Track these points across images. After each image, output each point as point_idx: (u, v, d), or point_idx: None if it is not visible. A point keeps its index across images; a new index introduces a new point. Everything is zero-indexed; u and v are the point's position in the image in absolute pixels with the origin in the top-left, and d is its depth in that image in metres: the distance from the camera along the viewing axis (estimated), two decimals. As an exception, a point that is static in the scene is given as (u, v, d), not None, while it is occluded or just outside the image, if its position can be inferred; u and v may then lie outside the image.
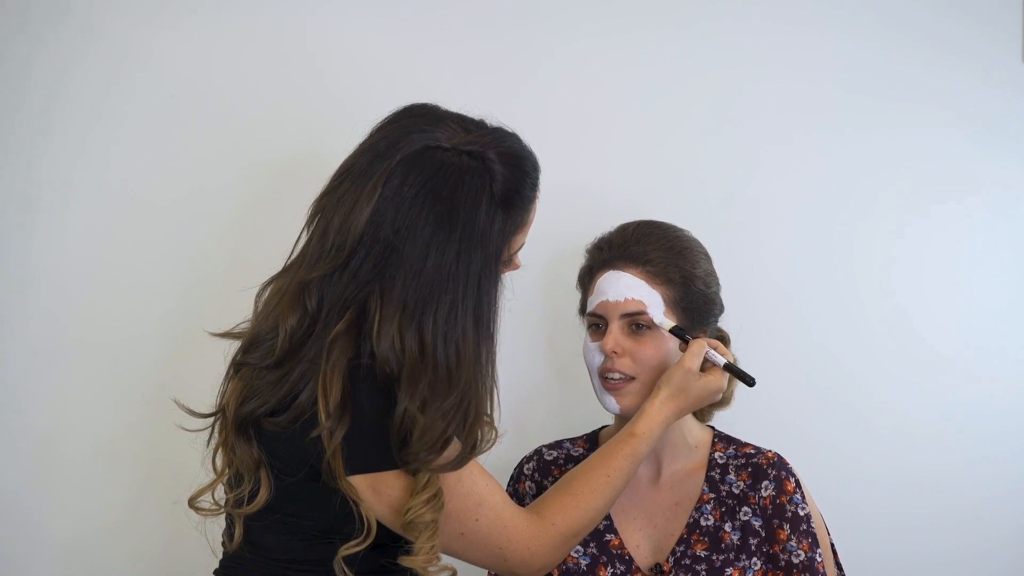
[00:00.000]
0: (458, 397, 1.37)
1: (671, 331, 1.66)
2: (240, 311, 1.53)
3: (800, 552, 1.66)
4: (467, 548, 1.46)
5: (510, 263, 1.50)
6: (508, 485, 1.82)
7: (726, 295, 1.77)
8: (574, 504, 1.52)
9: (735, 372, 1.64)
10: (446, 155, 1.40)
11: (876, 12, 2.09)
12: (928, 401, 2.11)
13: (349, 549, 1.40)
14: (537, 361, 2.07)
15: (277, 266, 1.49)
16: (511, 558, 1.47)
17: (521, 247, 1.50)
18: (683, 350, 1.66)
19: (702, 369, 1.64)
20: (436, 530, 1.40)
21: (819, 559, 1.65)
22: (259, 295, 1.48)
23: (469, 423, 1.39)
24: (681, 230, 1.75)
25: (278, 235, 1.62)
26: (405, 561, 1.41)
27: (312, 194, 1.48)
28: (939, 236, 2.11)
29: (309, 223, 1.45)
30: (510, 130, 1.49)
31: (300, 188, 1.62)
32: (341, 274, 1.40)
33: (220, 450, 1.49)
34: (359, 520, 1.40)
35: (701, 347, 1.63)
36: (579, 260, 1.80)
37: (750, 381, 1.63)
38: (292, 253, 1.47)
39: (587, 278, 1.75)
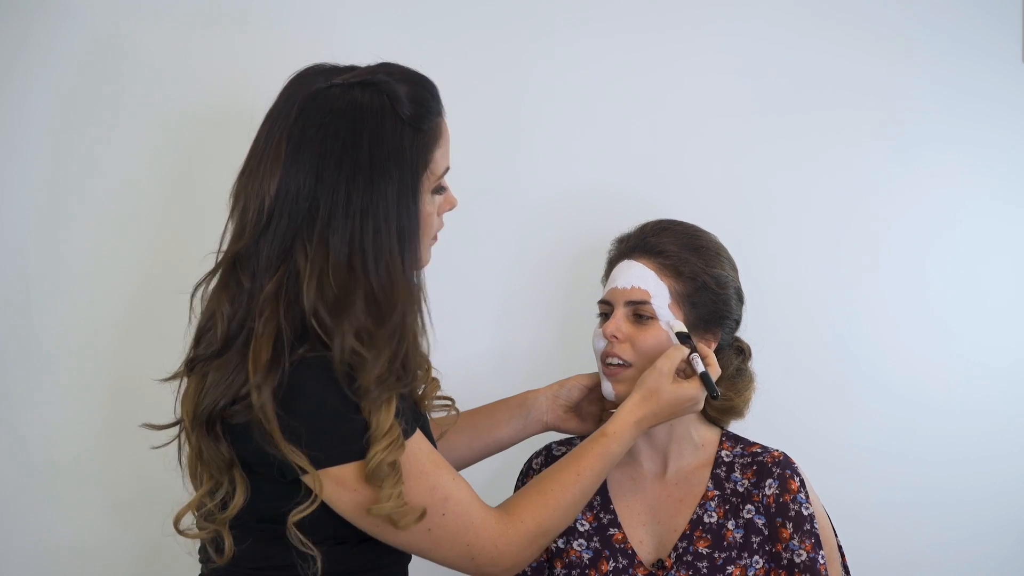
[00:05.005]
0: (399, 314, 1.36)
1: (677, 334, 1.66)
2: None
3: (802, 552, 1.65)
4: (435, 546, 1.44)
5: (441, 191, 1.47)
6: (518, 479, 1.83)
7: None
8: (543, 502, 1.50)
9: (706, 381, 1.60)
10: (337, 91, 1.40)
11: (879, 14, 2.10)
12: (937, 403, 2.10)
13: (300, 513, 1.37)
14: (560, 359, 2.07)
15: None
16: (479, 556, 1.45)
17: (447, 171, 1.47)
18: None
19: (687, 377, 1.62)
20: (400, 477, 1.37)
21: (822, 560, 1.64)
22: (193, 295, 1.45)
23: (407, 346, 1.38)
24: (707, 233, 1.76)
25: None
26: (375, 510, 1.37)
27: None
28: (944, 236, 2.12)
29: (232, 211, 1.43)
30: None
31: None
32: (264, 236, 1.38)
33: (196, 462, 1.43)
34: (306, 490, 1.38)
35: (679, 351, 1.61)
36: (599, 260, 1.81)
37: (715, 394, 1.59)
38: (220, 247, 1.44)
39: (607, 270, 1.78)
